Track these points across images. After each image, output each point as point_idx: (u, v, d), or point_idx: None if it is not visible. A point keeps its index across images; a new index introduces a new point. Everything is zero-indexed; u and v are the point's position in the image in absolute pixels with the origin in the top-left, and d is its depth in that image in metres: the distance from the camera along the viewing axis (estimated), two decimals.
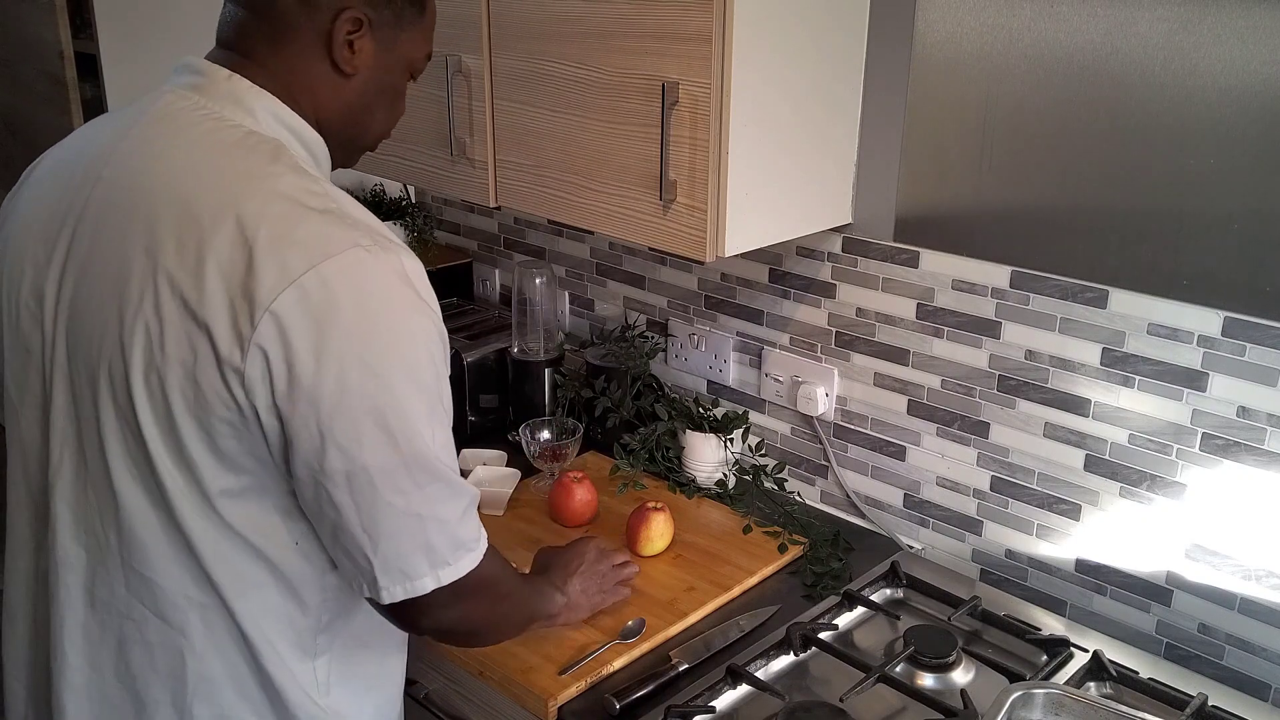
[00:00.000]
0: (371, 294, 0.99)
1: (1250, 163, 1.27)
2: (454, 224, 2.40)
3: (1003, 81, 1.45)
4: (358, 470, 0.99)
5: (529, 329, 1.99)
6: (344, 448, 0.99)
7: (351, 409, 0.98)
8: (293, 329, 0.96)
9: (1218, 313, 1.34)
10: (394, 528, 1.03)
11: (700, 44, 1.34)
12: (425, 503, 1.04)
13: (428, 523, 1.04)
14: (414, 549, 1.05)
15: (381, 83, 1.14)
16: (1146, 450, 1.44)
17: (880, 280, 1.66)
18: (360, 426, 0.98)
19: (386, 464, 1.00)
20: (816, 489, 1.86)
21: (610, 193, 1.51)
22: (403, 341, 1.01)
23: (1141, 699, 1.36)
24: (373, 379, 0.98)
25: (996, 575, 1.64)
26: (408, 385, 1.01)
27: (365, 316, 0.98)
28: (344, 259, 0.98)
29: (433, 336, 1.03)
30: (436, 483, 1.05)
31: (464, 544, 1.09)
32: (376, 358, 0.98)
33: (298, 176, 1.03)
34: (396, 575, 1.05)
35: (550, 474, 1.84)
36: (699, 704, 1.33)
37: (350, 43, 1.09)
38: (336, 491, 1.00)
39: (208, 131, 1.05)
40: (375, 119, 1.18)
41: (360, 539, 1.03)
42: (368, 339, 0.98)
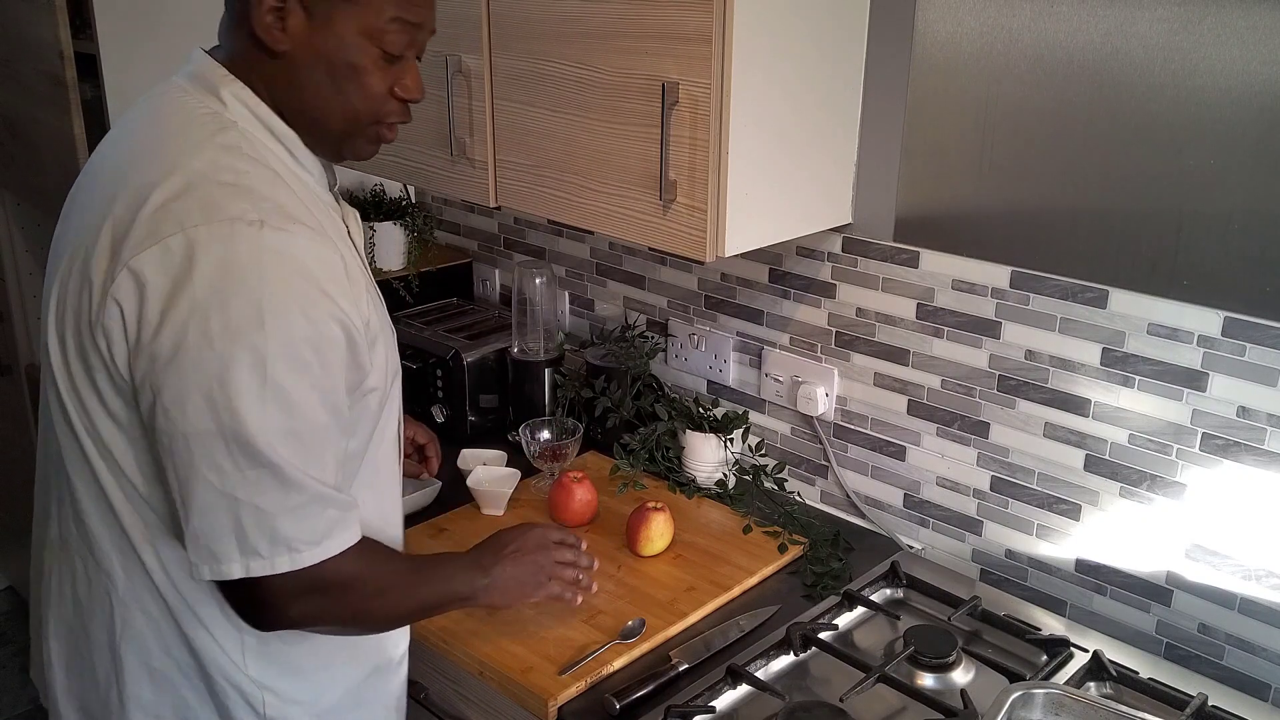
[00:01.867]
0: (236, 264, 0.97)
1: (1250, 163, 1.27)
2: (454, 224, 2.40)
3: (1003, 81, 1.45)
4: (178, 435, 0.99)
5: (529, 329, 1.99)
6: (168, 410, 0.99)
7: (181, 371, 0.97)
8: (147, 285, 0.98)
9: (1218, 313, 1.34)
10: (206, 503, 1.01)
11: (700, 44, 1.34)
12: (243, 486, 1.01)
13: (242, 506, 1.01)
14: (224, 530, 1.02)
15: (330, 60, 1.07)
16: (1146, 450, 1.44)
17: (880, 280, 1.66)
18: (185, 391, 0.98)
19: (206, 435, 0.99)
20: (816, 489, 1.86)
21: (610, 193, 1.51)
22: (260, 317, 0.97)
23: (1141, 699, 1.36)
24: (208, 346, 0.97)
25: (996, 575, 1.64)
26: (245, 363, 0.98)
27: (223, 284, 0.97)
28: (219, 228, 0.98)
29: (312, 322, 1.00)
30: (260, 468, 1.01)
31: (285, 541, 1.04)
32: (220, 326, 0.97)
33: (225, 153, 1.03)
34: (204, 553, 1.03)
35: (550, 474, 1.84)
36: (699, 704, 1.33)
37: (280, 19, 1.05)
38: (164, 455, 1.02)
39: (175, 109, 1.08)
40: (334, 100, 1.09)
41: (179, 507, 1.03)
42: (219, 307, 0.97)
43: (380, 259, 2.22)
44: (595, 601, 1.53)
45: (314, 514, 1.05)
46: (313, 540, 1.05)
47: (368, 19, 1.06)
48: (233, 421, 0.98)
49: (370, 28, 1.06)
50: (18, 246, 2.60)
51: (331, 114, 1.10)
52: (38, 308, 2.63)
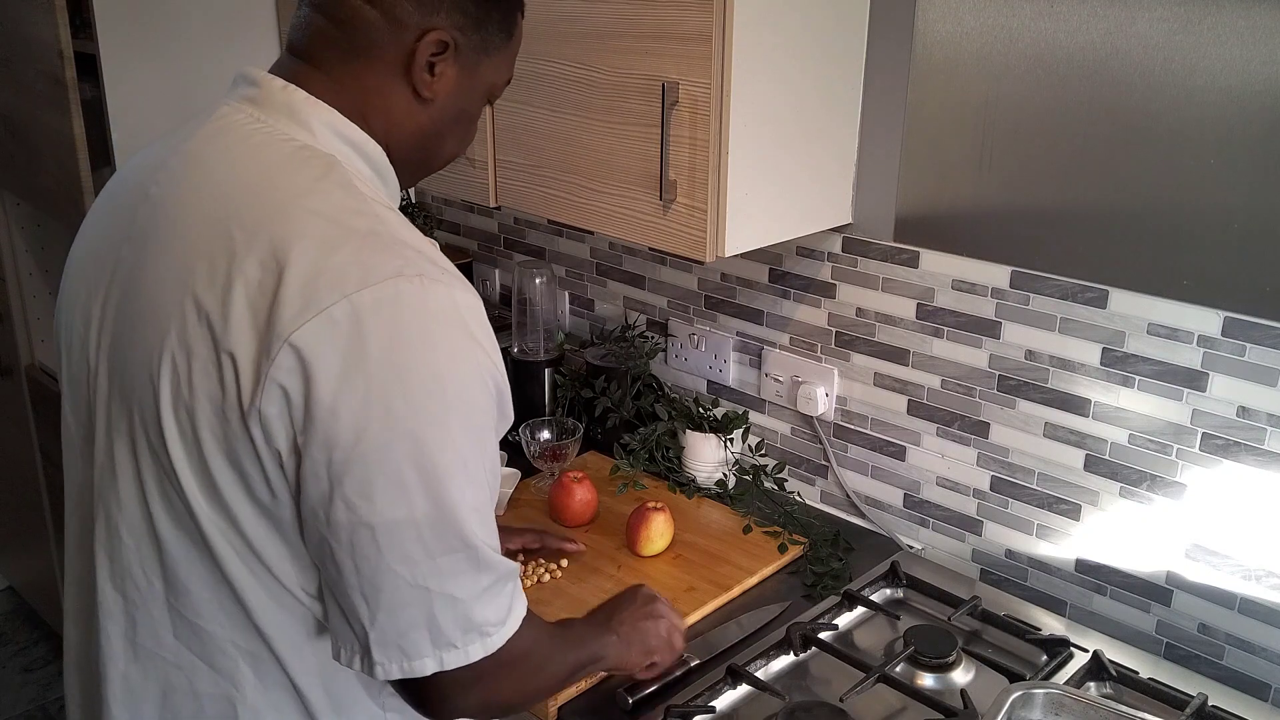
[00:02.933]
0: (409, 330, 0.88)
1: (1250, 163, 1.27)
2: (454, 224, 2.40)
3: (1003, 81, 1.45)
4: (362, 528, 0.89)
5: (529, 329, 1.99)
6: (351, 501, 0.89)
7: (366, 457, 0.88)
8: (314, 363, 0.86)
9: (1218, 313, 1.34)
10: (396, 599, 0.92)
11: (700, 44, 1.34)
12: (435, 575, 0.93)
13: (435, 598, 0.93)
14: (416, 625, 0.94)
15: (459, 109, 1.05)
16: (1146, 450, 1.44)
17: (880, 280, 1.66)
18: (373, 478, 0.88)
19: (397, 524, 0.90)
20: (816, 489, 1.86)
21: (610, 193, 1.51)
22: (441, 387, 0.90)
23: (1141, 699, 1.36)
24: (397, 426, 0.88)
25: (996, 575, 1.64)
26: (439, 437, 0.90)
27: (399, 354, 0.88)
28: (382, 289, 0.88)
29: (483, 384, 0.93)
30: (455, 553, 0.93)
31: (478, 627, 0.97)
32: (405, 402, 0.88)
33: (345, 194, 0.94)
34: (394, 652, 0.94)
35: (550, 474, 1.84)
36: (699, 704, 1.33)
37: (432, 66, 1.00)
38: (339, 549, 0.91)
39: (257, 145, 0.97)
40: (447, 144, 1.09)
41: (357, 605, 0.93)
42: (398, 380, 0.88)
43: None
44: (595, 601, 1.52)
45: (500, 592, 0.98)
46: (500, 620, 0.99)
47: (495, 76, 1.08)
48: (429, 506, 0.90)
49: (492, 84, 1.08)
50: (18, 246, 2.60)
51: (442, 154, 1.10)
52: (38, 308, 2.63)
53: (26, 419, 2.65)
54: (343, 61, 1.00)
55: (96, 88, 2.07)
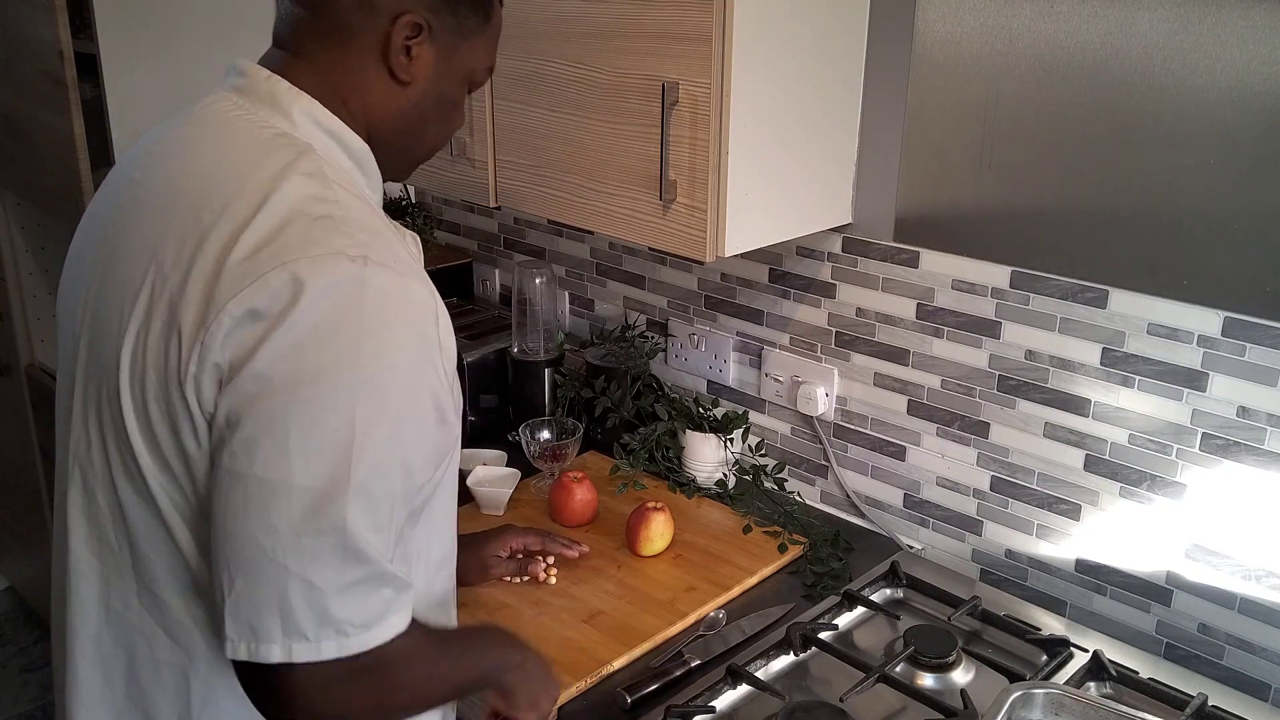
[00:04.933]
0: (335, 300, 0.89)
1: (1250, 163, 1.27)
2: (454, 224, 2.40)
3: (1003, 81, 1.45)
4: (238, 480, 0.88)
5: (529, 329, 1.99)
6: (235, 450, 0.88)
7: (262, 409, 0.87)
8: (242, 323, 0.88)
9: (1218, 313, 1.34)
10: (254, 570, 0.89)
11: (700, 44, 1.34)
12: (296, 553, 0.89)
13: (292, 580, 0.89)
14: (269, 605, 0.90)
15: (439, 93, 1.07)
16: (1146, 450, 1.44)
17: (880, 280, 1.66)
18: (260, 431, 0.88)
19: (270, 485, 0.88)
20: (816, 489, 1.86)
21: (610, 193, 1.51)
22: (360, 366, 0.89)
23: (1141, 699, 1.36)
24: (299, 388, 0.87)
25: (996, 575, 1.64)
26: (334, 410, 0.88)
27: (325, 319, 0.88)
28: (322, 261, 0.89)
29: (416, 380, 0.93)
30: (322, 536, 0.89)
31: (335, 623, 0.92)
32: (314, 366, 0.87)
33: (310, 181, 0.95)
34: (244, 629, 0.91)
35: (550, 474, 1.84)
36: (699, 704, 1.33)
37: (408, 49, 1.02)
38: (218, 500, 0.90)
39: (237, 132, 1.00)
40: (429, 131, 1.10)
41: (221, 568, 0.91)
42: (315, 343, 0.88)
43: None
44: (595, 602, 1.53)
45: (369, 593, 0.94)
46: (364, 623, 0.94)
47: (474, 61, 1.09)
48: (307, 477, 0.88)
49: (472, 69, 1.09)
50: (18, 246, 2.60)
51: (424, 143, 1.11)
52: (38, 308, 2.63)
53: (26, 418, 2.65)
54: (322, 49, 1.02)
55: (96, 88, 2.07)
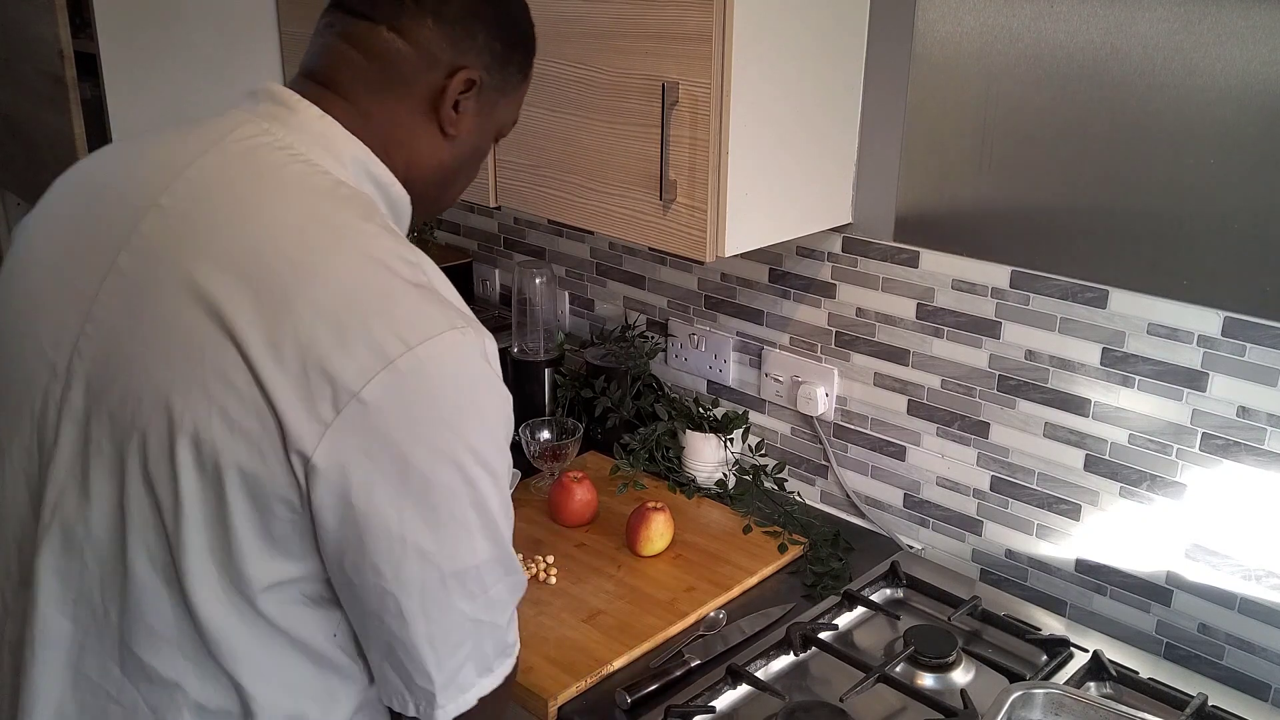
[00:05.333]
0: (466, 381, 0.91)
1: (1250, 163, 1.27)
2: (454, 224, 2.40)
3: (1003, 81, 1.45)
4: (433, 574, 0.91)
5: (529, 329, 1.99)
6: (426, 550, 0.90)
7: (435, 506, 0.89)
8: (382, 417, 0.86)
9: (1218, 313, 1.34)
10: (459, 638, 0.95)
11: (700, 44, 1.34)
12: (489, 607, 0.97)
13: (484, 629, 0.97)
14: (468, 659, 0.97)
15: (475, 147, 1.08)
16: (1146, 450, 1.44)
17: (880, 280, 1.66)
18: (443, 525, 0.90)
19: (469, 567, 0.93)
20: (816, 489, 1.86)
21: (610, 193, 1.51)
22: (490, 431, 0.94)
23: (1141, 699, 1.36)
24: (461, 472, 0.90)
25: (996, 575, 1.64)
26: (490, 479, 0.94)
27: (460, 405, 0.91)
28: (441, 342, 0.89)
29: (511, 422, 0.99)
30: (506, 579, 0.98)
31: (507, 649, 1.01)
32: (468, 450, 0.91)
33: (391, 240, 0.93)
34: (454, 690, 0.96)
35: (550, 474, 1.84)
36: (699, 704, 1.33)
37: (458, 104, 1.02)
38: (408, 599, 0.91)
39: (296, 176, 0.94)
40: (459, 182, 1.11)
41: (424, 655, 0.94)
42: (461, 431, 0.90)
43: None
44: (595, 601, 1.53)
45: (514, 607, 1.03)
46: (517, 638, 1.04)
47: (507, 116, 1.11)
48: (489, 544, 0.95)
49: (502, 124, 1.11)
50: None
51: (452, 194, 1.12)
52: None
53: None
54: (371, 95, 0.99)
55: (96, 88, 2.07)
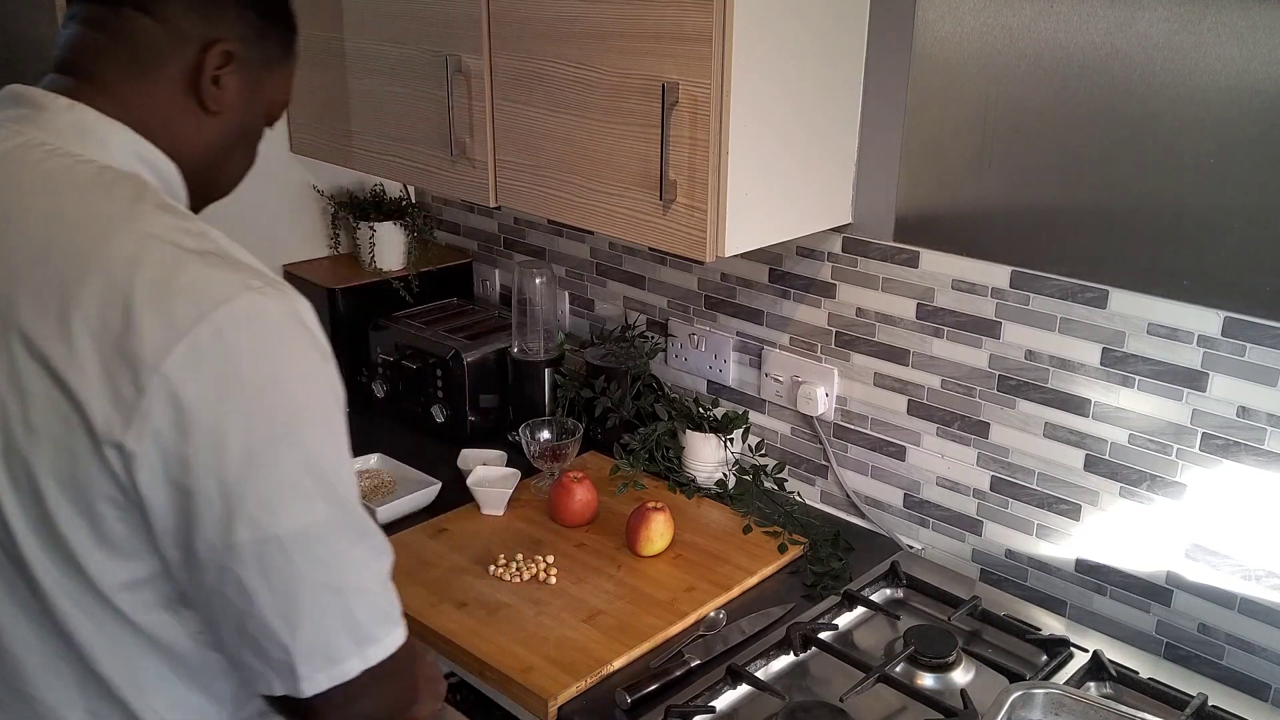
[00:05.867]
0: (270, 340, 0.88)
1: (1250, 162, 1.27)
2: (454, 224, 2.40)
3: (1003, 81, 1.45)
4: (270, 542, 0.87)
5: (529, 329, 1.99)
6: (255, 517, 0.86)
7: (261, 472, 0.86)
8: (188, 392, 0.84)
9: (1218, 313, 1.34)
10: (315, 606, 0.90)
11: (700, 44, 1.34)
12: (348, 569, 0.92)
13: (350, 595, 0.92)
14: (337, 628, 0.92)
15: (243, 124, 1.05)
16: (1146, 450, 1.44)
17: (880, 280, 1.66)
18: (273, 491, 0.87)
19: (306, 528, 0.89)
20: (816, 489, 1.86)
21: (610, 193, 1.51)
22: (310, 388, 0.90)
23: (1141, 699, 1.36)
24: (284, 434, 0.87)
25: (996, 575, 1.64)
26: (323, 435, 0.90)
27: (268, 365, 0.88)
28: (238, 305, 0.87)
29: (335, 380, 0.93)
30: (361, 542, 0.93)
31: (390, 616, 0.96)
32: (286, 410, 0.88)
33: (168, 215, 0.91)
34: (320, 661, 0.91)
35: (550, 474, 1.84)
36: (699, 704, 1.33)
37: (217, 78, 0.99)
38: (247, 572, 0.87)
39: (57, 169, 0.92)
40: (232, 164, 1.07)
41: (275, 626, 0.89)
42: (275, 389, 0.88)
43: (380, 259, 2.22)
44: (595, 601, 1.53)
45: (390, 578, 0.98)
46: (399, 607, 0.98)
47: (276, 92, 1.07)
48: (328, 505, 0.90)
49: (272, 102, 1.07)
50: None
51: (225, 174, 1.08)
52: None
53: None
54: (124, 78, 0.97)
55: None
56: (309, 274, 2.20)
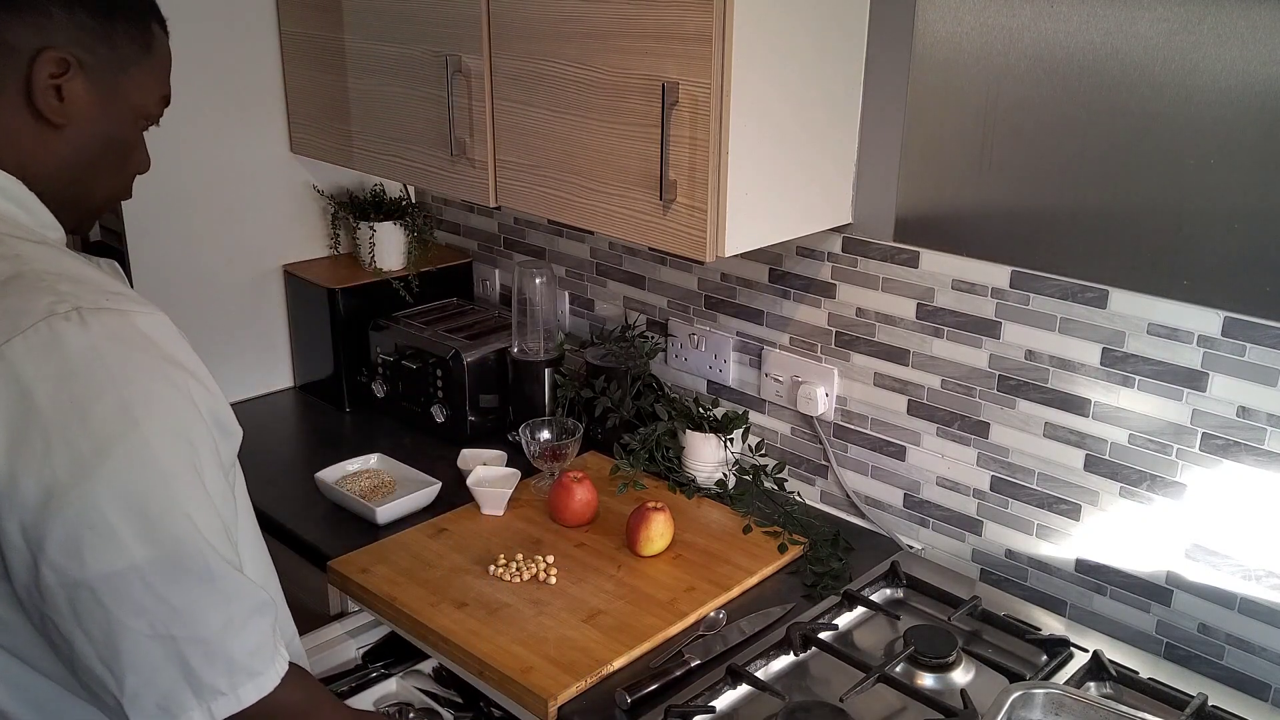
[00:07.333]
0: (78, 367, 0.82)
1: (1250, 163, 1.27)
2: (454, 224, 2.40)
3: (1003, 81, 1.45)
4: (81, 588, 0.82)
5: (529, 329, 1.99)
6: (58, 564, 0.81)
7: (63, 514, 0.81)
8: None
9: (1218, 313, 1.34)
10: (140, 657, 0.84)
11: (700, 44, 1.34)
12: (177, 619, 0.85)
13: (183, 644, 0.86)
14: (173, 679, 0.86)
15: (105, 134, 0.98)
16: (1146, 450, 1.44)
17: (880, 280, 1.66)
18: (78, 534, 0.81)
19: (117, 575, 0.82)
20: (816, 489, 1.86)
21: (610, 193, 1.51)
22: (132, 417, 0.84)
23: (1141, 699, 1.36)
24: (90, 471, 0.81)
25: (996, 575, 1.64)
26: (142, 471, 0.84)
27: (72, 396, 0.82)
28: (32, 334, 0.82)
29: (175, 404, 0.87)
30: (191, 590, 0.86)
31: (244, 667, 0.89)
32: (92, 445, 0.82)
33: None
34: (153, 711, 0.86)
35: (550, 474, 1.84)
36: (699, 704, 1.33)
37: (57, 88, 0.93)
38: (61, 619, 0.83)
39: None
40: (102, 176, 1.01)
41: (100, 675, 0.85)
42: (79, 423, 0.81)
43: (380, 259, 2.22)
44: (595, 601, 1.53)
45: (257, 626, 0.91)
46: (267, 657, 0.91)
47: (141, 95, 1.01)
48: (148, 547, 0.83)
49: (140, 104, 1.01)
50: None
51: (98, 188, 1.02)
52: None
53: None
54: None
55: None
56: (309, 274, 2.20)
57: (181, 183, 2.02)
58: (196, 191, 2.05)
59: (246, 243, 2.17)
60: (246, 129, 2.09)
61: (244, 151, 2.11)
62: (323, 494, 1.83)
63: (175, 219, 2.02)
